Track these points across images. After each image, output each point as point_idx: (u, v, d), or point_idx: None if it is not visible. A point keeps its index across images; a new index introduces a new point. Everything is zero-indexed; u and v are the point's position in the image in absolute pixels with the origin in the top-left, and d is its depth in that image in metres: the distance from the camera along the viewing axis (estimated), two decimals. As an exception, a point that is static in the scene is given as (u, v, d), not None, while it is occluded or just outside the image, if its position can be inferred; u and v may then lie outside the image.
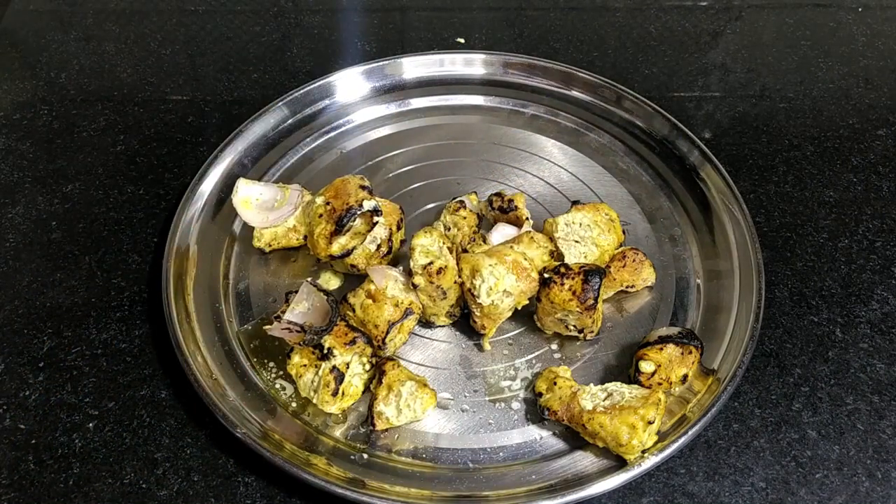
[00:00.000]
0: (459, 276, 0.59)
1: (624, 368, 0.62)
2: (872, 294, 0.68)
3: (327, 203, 0.63)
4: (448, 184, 0.76)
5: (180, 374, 0.59)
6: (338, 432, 0.58)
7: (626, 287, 0.66)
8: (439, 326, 0.64)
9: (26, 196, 0.76)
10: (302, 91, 0.81)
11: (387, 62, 0.84)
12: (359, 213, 0.61)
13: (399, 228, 0.66)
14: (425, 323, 0.64)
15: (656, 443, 0.55)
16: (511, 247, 0.61)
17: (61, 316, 0.66)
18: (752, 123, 0.84)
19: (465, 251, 0.64)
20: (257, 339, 0.63)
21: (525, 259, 0.59)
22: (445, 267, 0.59)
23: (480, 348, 0.63)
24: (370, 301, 0.59)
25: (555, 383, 0.57)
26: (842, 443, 0.58)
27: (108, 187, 0.77)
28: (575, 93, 0.83)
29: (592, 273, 0.58)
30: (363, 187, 0.63)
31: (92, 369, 0.62)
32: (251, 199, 0.67)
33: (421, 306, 0.61)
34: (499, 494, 0.54)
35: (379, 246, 0.64)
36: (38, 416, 0.59)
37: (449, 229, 0.66)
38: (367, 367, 0.59)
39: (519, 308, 0.61)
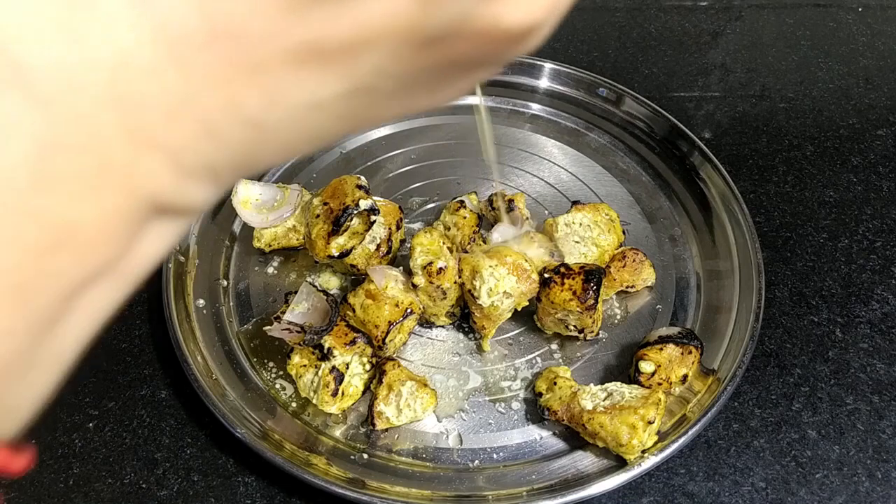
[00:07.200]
0: (459, 277, 0.59)
1: (624, 368, 0.62)
2: (872, 294, 0.68)
3: (324, 203, 0.63)
4: (448, 184, 0.76)
5: (180, 374, 0.59)
6: (338, 432, 0.58)
7: (626, 287, 0.66)
8: (439, 326, 0.64)
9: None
10: (302, 91, 0.80)
11: (387, 62, 0.84)
12: (355, 212, 0.61)
13: (398, 228, 0.66)
14: (425, 323, 0.64)
15: (656, 443, 0.55)
16: (511, 247, 0.61)
17: (61, 316, 0.66)
18: (752, 123, 0.84)
19: (465, 251, 0.64)
20: (257, 339, 0.63)
21: (525, 260, 0.59)
22: (445, 267, 0.59)
23: (480, 348, 0.63)
24: (370, 301, 0.59)
25: (555, 383, 0.57)
26: (842, 443, 0.58)
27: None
28: (575, 93, 0.83)
29: (592, 273, 0.58)
30: (360, 187, 0.63)
31: (92, 369, 0.62)
32: (251, 199, 0.67)
33: (421, 306, 0.61)
34: (499, 494, 0.54)
35: (378, 246, 0.64)
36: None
37: (449, 229, 0.66)
38: (367, 367, 0.59)
39: (519, 309, 0.61)
